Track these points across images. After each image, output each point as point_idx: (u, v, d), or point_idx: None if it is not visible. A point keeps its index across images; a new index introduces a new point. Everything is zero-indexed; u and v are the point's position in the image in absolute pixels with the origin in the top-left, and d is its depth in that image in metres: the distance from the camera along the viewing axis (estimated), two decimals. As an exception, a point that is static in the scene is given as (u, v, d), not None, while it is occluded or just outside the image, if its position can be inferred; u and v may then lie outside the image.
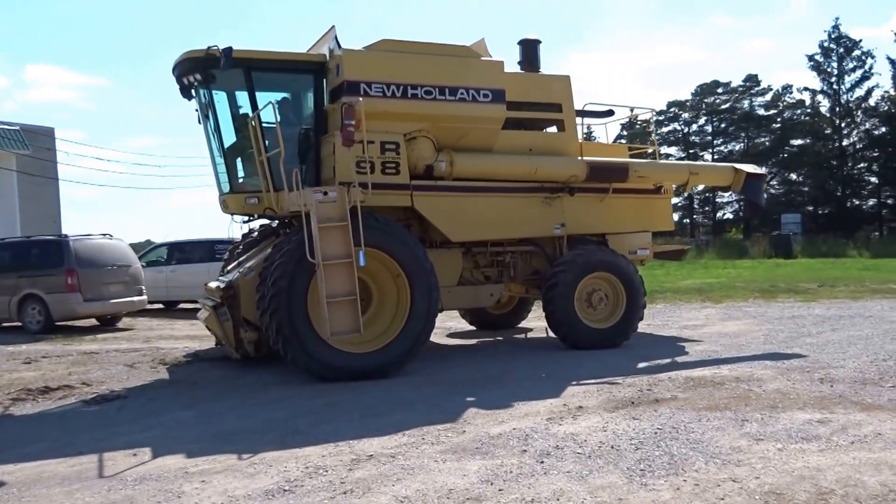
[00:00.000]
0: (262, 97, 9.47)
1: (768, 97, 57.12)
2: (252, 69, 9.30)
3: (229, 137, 9.93)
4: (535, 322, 13.68)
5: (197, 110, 10.21)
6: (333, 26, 9.65)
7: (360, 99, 8.83)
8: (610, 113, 12.63)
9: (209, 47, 9.05)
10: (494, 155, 10.27)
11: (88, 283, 14.68)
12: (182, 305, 19.46)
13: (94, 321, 16.09)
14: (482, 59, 10.11)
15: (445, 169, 9.77)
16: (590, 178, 10.64)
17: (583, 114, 11.73)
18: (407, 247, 8.97)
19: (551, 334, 10.65)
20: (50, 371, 9.81)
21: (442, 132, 9.81)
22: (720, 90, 59.27)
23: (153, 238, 45.77)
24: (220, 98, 9.88)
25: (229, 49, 8.76)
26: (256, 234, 11.52)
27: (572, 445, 5.68)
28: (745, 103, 58.29)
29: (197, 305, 18.91)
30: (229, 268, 10.95)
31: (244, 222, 11.14)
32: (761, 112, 57.58)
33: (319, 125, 9.64)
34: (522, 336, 12.50)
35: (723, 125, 59.52)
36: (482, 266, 10.85)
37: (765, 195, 12.13)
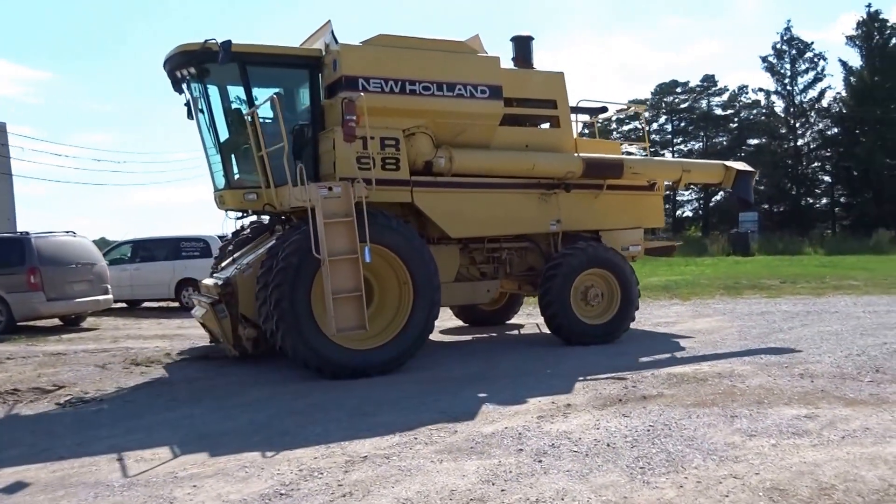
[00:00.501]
0: (257, 92, 9.37)
1: (725, 97, 58.05)
2: (247, 63, 9.17)
3: (224, 132, 9.78)
4: (524, 319, 13.78)
5: (186, 105, 10.07)
6: (329, 21, 9.55)
7: (362, 94, 8.79)
8: (604, 109, 12.74)
9: (206, 41, 8.90)
10: (493, 151, 10.28)
11: (52, 282, 14.28)
12: (146, 304, 19.07)
13: (57, 321, 15.64)
14: (479, 54, 10.10)
15: (444, 165, 9.74)
16: (586, 174, 10.71)
17: (577, 110, 11.76)
18: (411, 245, 8.94)
19: (544, 330, 10.59)
20: (17, 373, 9.49)
21: (440, 128, 9.79)
22: (679, 90, 60.05)
23: (108, 236, 44.77)
24: (213, 92, 9.69)
25: (228, 43, 8.60)
26: (249, 230, 11.35)
27: (567, 444, 5.65)
28: (703, 103, 59.16)
29: (162, 304, 18.77)
30: (223, 264, 10.75)
31: (237, 218, 11.01)
32: (719, 112, 58.49)
33: (316, 121, 9.52)
34: (516, 332, 12.49)
35: (682, 124, 60.33)
36: (478, 262, 10.85)
37: (753, 191, 12.24)
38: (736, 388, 7.41)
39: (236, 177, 9.88)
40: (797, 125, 52.84)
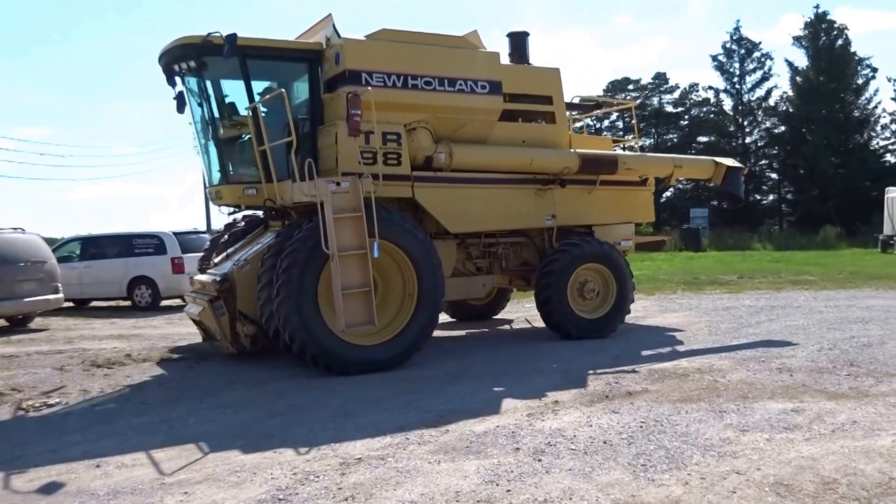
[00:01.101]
0: (254, 86, 9.29)
1: (676, 94, 58.96)
2: (248, 57, 9.03)
3: (222, 127, 9.64)
4: (511, 313, 13.75)
5: (176, 98, 9.86)
6: (330, 15, 9.42)
7: (370, 88, 8.72)
8: (598, 106, 12.95)
9: (209, 34, 8.78)
10: (492, 146, 10.25)
11: (-1, 281, 13.68)
12: (96, 304, 18.46)
13: (2, 322, 15.01)
14: (479, 50, 10.09)
15: (445, 160, 9.68)
16: (581, 169, 10.73)
17: (571, 106, 11.79)
18: (417, 240, 8.93)
19: (535, 324, 10.50)
20: (-28, 377, 9.06)
21: (440, 123, 9.72)
22: (631, 87, 60.77)
23: (44, 233, 43.30)
24: (211, 86, 9.53)
25: (234, 36, 8.50)
26: (242, 225, 11.18)
27: (563, 442, 5.58)
28: (655, 100, 59.99)
29: (112, 304, 18.17)
30: (216, 260, 10.49)
31: (230, 213, 10.88)
32: (670, 109, 59.38)
33: (315, 115, 9.40)
34: (507, 327, 12.49)
35: (633, 121, 61.07)
36: (474, 257, 10.83)
37: (743, 188, 12.44)
38: (718, 383, 7.45)
39: (236, 171, 9.71)
40: (745, 123, 54.00)
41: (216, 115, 9.61)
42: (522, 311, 14.00)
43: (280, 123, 8.88)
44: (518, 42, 11.27)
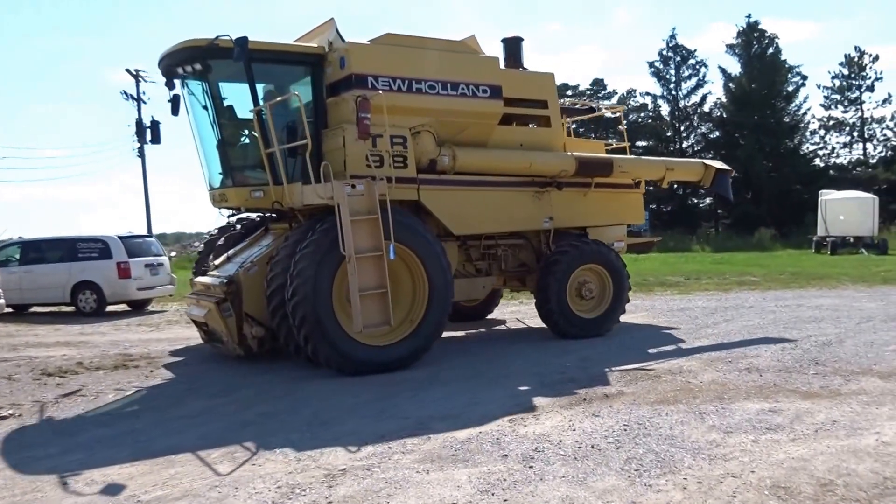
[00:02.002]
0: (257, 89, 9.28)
1: (614, 100, 59.87)
2: (253, 60, 8.94)
3: (227, 130, 9.66)
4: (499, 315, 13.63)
5: (171, 101, 9.82)
6: (332, 19, 9.52)
7: (380, 91, 8.86)
8: (591, 110, 13.21)
9: (217, 37, 8.78)
10: (492, 150, 10.37)
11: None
12: (36, 309, 17.67)
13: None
14: (480, 55, 10.24)
15: (448, 163, 9.76)
16: (578, 172, 10.86)
17: (567, 111, 11.99)
18: (427, 243, 9.03)
19: (530, 323, 10.57)
20: None
21: (443, 127, 9.81)
22: (569, 93, 61.49)
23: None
24: (210, 89, 9.44)
25: (244, 39, 8.49)
26: (240, 228, 11.11)
27: (551, 447, 5.48)
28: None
29: (54, 309, 17.40)
30: (218, 262, 10.32)
31: (230, 216, 10.97)
32: (608, 115, 60.23)
33: (319, 119, 9.37)
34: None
35: (573, 126, 61.80)
36: (474, 259, 10.90)
37: (731, 189, 12.85)
38: (691, 384, 7.46)
39: (241, 174, 9.65)
40: (682, 128, 55.18)
41: (220, 117, 9.55)
42: (508, 313, 14.07)
43: (284, 126, 8.99)
44: (513, 47, 11.46)
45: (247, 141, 9.79)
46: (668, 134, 55.48)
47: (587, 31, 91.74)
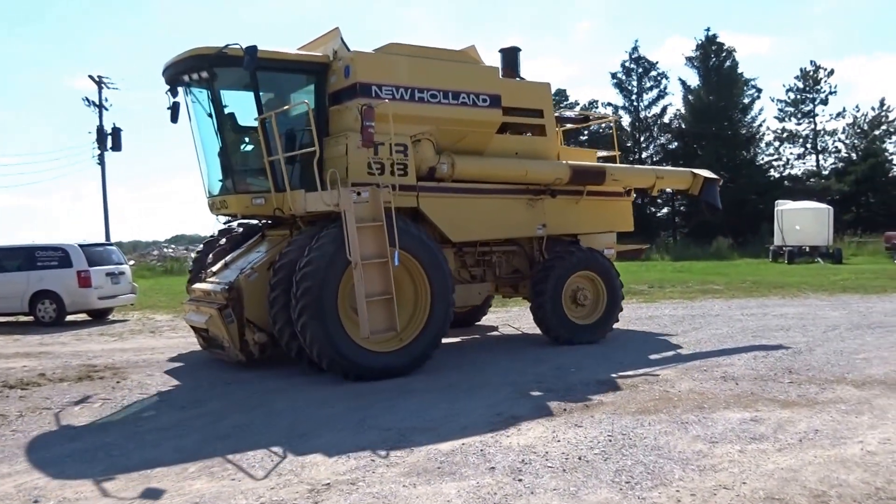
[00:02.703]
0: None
1: (577, 111, 60.39)
2: (258, 68, 8.98)
3: (229, 137, 9.69)
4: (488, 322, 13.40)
5: (171, 108, 9.81)
6: (337, 28, 9.62)
7: (386, 100, 8.95)
8: (585, 119, 13.53)
9: (226, 45, 8.87)
10: (489, 158, 10.47)
11: None
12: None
13: None
14: (480, 64, 10.38)
15: (447, 171, 9.85)
16: (572, 180, 10.99)
17: (561, 119, 12.18)
18: (429, 250, 9.10)
19: (525, 330, 10.78)
20: None
21: (442, 135, 9.92)
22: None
23: None
24: (214, 97, 9.42)
25: (254, 48, 8.56)
26: (237, 234, 11.13)
27: (537, 459, 5.38)
28: (556, 115, 61.28)
29: (11, 319, 16.76)
30: (215, 268, 10.24)
31: (226, 223, 11.10)
32: (570, 125, 60.71)
33: (321, 126, 9.32)
34: (496, 333, 12.54)
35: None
36: (469, 265, 10.99)
37: (719, 198, 13.09)
38: (670, 393, 7.44)
39: (242, 181, 9.66)
40: (642, 139, 55.86)
41: (222, 125, 9.56)
42: (494, 319, 14.10)
43: (287, 134, 9.19)
44: (510, 57, 11.64)
45: (248, 148, 9.85)
46: (629, 144, 56.11)
47: (549, 43, 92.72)
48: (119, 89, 44.31)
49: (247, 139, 9.87)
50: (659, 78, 54.50)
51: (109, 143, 34.58)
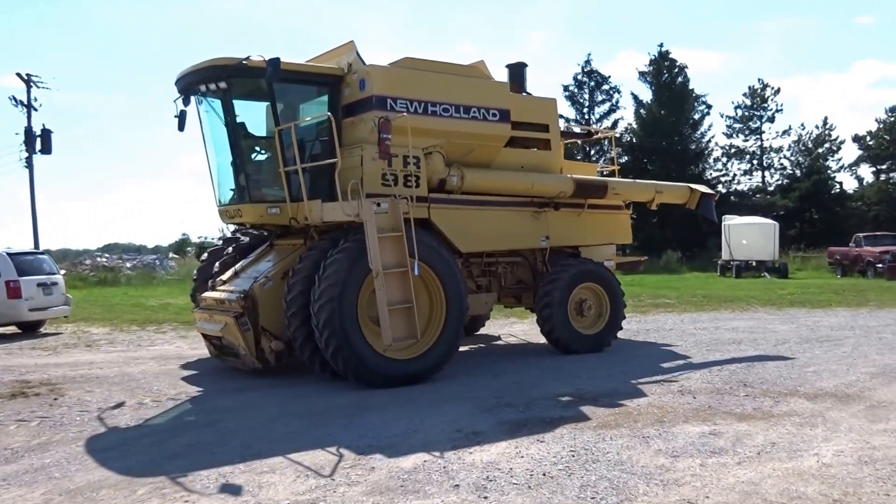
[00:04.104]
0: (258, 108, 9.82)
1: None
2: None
3: (245, 147, 9.82)
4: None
5: (179, 117, 9.95)
6: (352, 41, 9.91)
7: (405, 113, 9.19)
8: (589, 134, 14.01)
9: (247, 57, 9.03)
10: (498, 171, 10.77)
11: None
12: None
13: None
14: (490, 80, 10.67)
15: (457, 183, 10.15)
16: (575, 194, 11.31)
17: (566, 134, 12.49)
18: (444, 260, 9.33)
19: (530, 339, 11.04)
20: None
21: (452, 148, 10.17)
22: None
23: None
24: (230, 107, 9.54)
25: (277, 60, 8.75)
26: (243, 243, 11.25)
27: (502, 475, 5.32)
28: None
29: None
30: (225, 277, 10.34)
31: (234, 231, 11.47)
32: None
33: (334, 137, 9.28)
34: (501, 342, 12.70)
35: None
36: (475, 276, 11.17)
37: (715, 212, 13.54)
38: (629, 407, 7.46)
39: (257, 191, 9.78)
40: (592, 152, 56.56)
41: (237, 135, 9.65)
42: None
43: (300, 145, 9.29)
44: (517, 72, 11.98)
45: (263, 158, 10.01)
46: (579, 157, 56.78)
47: (502, 52, 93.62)
48: (50, 89, 42.94)
49: (259, 149, 10.03)
50: (611, 92, 55.20)
51: (38, 146, 33.41)
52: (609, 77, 55.32)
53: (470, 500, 4.85)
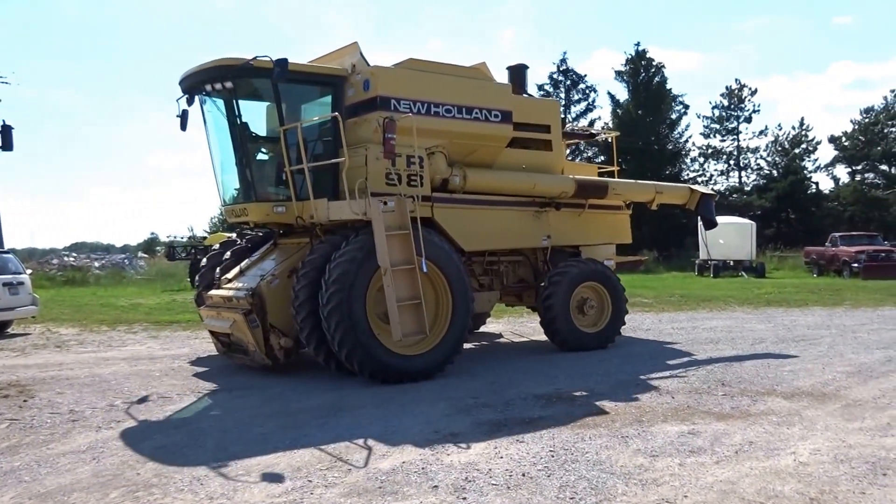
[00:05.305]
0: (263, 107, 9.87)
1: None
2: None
3: (251, 147, 9.89)
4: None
5: (181, 116, 9.97)
6: (356, 42, 10.01)
7: (411, 114, 9.41)
8: (591, 136, 14.38)
9: (255, 57, 9.08)
10: (498, 171, 10.93)
11: None
12: None
13: None
14: (493, 81, 10.83)
15: (459, 183, 10.33)
16: (576, 194, 11.49)
17: (569, 135, 12.73)
18: (450, 258, 9.46)
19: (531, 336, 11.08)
20: None
21: (455, 148, 10.34)
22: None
23: None
24: (235, 107, 9.62)
25: (284, 61, 8.85)
26: (245, 242, 11.26)
27: (481, 476, 5.28)
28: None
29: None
30: (230, 275, 10.42)
31: (238, 230, 11.60)
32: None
33: (337, 137, 9.38)
34: (507, 341, 12.75)
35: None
36: (478, 275, 11.22)
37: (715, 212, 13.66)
38: (606, 406, 7.45)
39: (263, 190, 9.85)
40: (569, 151, 56.66)
41: (242, 134, 9.70)
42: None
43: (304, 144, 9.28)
44: (518, 74, 12.19)
45: (268, 157, 10.05)
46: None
47: (470, 51, 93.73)
48: (10, 84, 42.31)
49: (263, 148, 10.06)
50: (587, 91, 55.30)
51: None
52: (585, 76, 55.51)
53: (449, 500, 4.80)
